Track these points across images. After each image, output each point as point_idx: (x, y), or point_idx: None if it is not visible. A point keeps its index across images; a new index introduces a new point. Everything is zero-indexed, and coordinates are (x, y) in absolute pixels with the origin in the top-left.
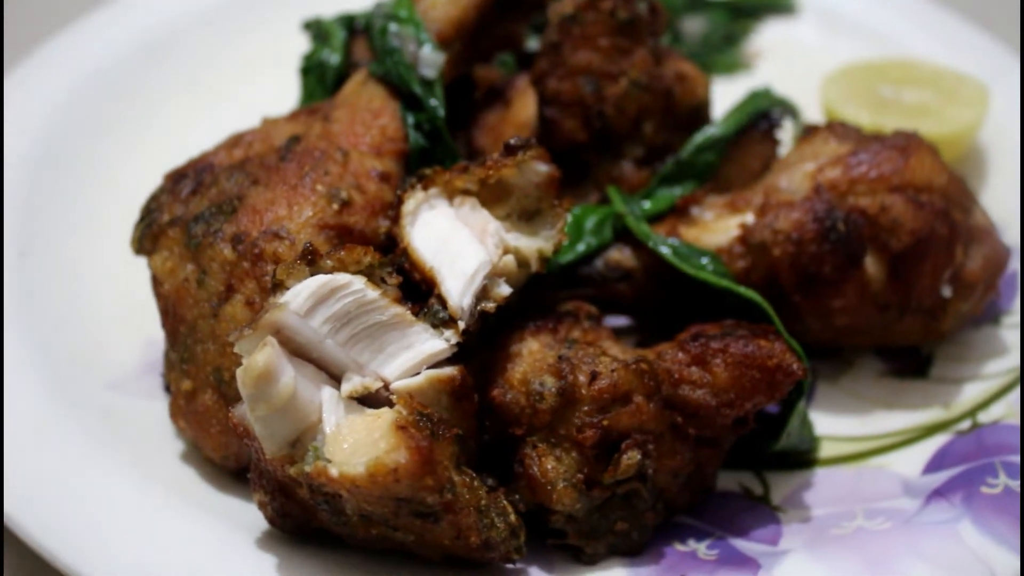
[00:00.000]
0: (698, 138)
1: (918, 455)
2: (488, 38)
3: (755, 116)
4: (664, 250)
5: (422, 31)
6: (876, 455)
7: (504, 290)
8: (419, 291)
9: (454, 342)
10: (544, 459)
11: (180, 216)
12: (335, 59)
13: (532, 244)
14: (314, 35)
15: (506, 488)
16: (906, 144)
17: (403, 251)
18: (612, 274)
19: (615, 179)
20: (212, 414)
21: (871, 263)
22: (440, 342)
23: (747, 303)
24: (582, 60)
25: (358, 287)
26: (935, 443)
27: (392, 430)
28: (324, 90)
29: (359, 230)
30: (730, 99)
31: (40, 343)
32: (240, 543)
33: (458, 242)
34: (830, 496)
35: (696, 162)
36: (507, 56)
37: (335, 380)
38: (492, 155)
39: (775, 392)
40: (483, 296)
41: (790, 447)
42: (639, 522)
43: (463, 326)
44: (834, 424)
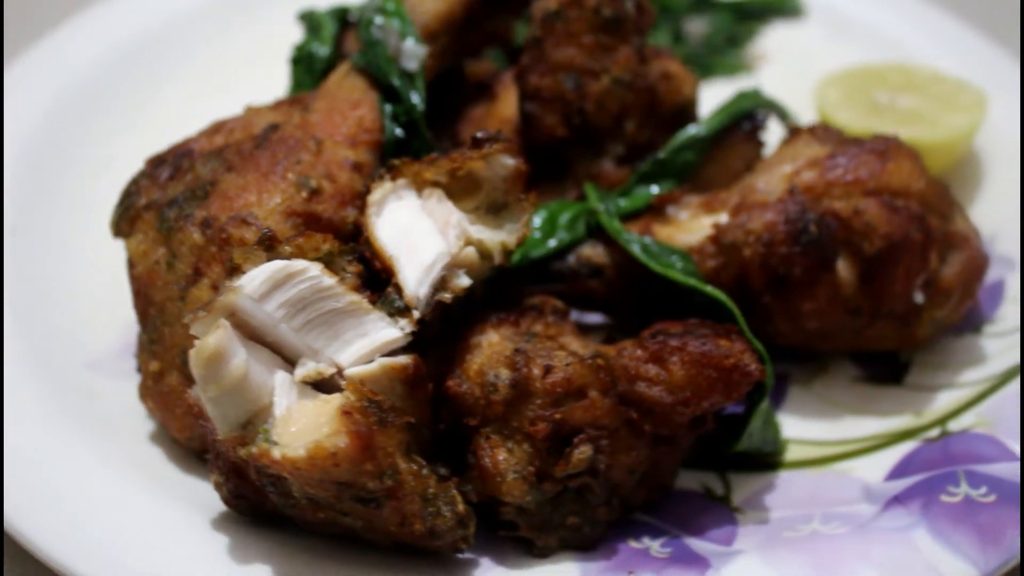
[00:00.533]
0: (679, 137)
1: (883, 461)
2: (476, 33)
3: (739, 117)
4: (634, 247)
5: (407, 24)
6: (841, 460)
7: (463, 281)
8: (379, 280)
9: (409, 331)
10: (496, 450)
11: (156, 200)
12: (324, 51)
13: (496, 237)
14: (307, 26)
15: (459, 479)
16: (885, 148)
17: (365, 240)
18: (583, 270)
19: (595, 176)
20: (178, 395)
21: (843, 266)
22: (395, 330)
23: (715, 303)
24: (564, 56)
25: (314, 273)
26: (902, 450)
27: (337, 415)
28: (312, 81)
29: (327, 218)
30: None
31: (25, 321)
32: (196, 524)
33: (419, 232)
34: (790, 499)
35: (675, 161)
36: (499, 51)
37: (290, 365)
38: (461, 148)
39: (732, 392)
40: (441, 287)
41: (753, 448)
42: (591, 517)
43: (418, 315)
44: (803, 428)
